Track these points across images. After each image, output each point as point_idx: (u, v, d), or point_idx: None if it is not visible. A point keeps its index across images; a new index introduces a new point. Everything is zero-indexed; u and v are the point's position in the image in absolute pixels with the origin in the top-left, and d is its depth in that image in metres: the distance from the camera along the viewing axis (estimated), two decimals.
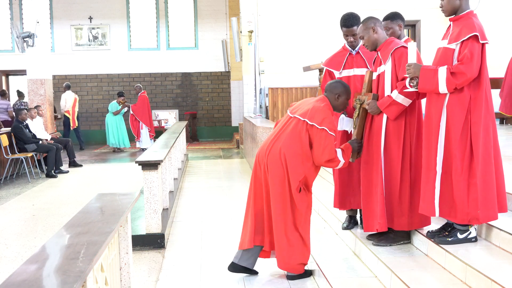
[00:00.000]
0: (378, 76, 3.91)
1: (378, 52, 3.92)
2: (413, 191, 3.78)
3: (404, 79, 3.68)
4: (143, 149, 13.25)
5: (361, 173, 4.00)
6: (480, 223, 3.42)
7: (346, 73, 4.31)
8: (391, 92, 3.75)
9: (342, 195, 4.30)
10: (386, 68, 3.81)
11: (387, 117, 3.78)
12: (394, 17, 4.24)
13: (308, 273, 4.05)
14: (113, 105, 13.69)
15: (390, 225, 3.83)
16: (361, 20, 4.11)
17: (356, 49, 4.33)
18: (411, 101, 3.70)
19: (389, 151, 3.78)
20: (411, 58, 3.51)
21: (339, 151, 3.86)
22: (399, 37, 4.25)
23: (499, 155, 3.44)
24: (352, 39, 4.25)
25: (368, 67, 4.24)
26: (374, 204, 3.85)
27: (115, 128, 13.55)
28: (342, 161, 3.86)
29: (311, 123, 3.80)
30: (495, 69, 8.31)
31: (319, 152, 3.79)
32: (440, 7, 3.49)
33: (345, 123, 4.25)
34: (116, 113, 13.56)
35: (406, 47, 3.75)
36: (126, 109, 13.68)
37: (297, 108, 3.99)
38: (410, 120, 3.78)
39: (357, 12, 4.33)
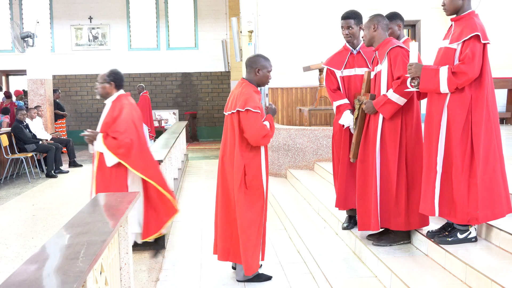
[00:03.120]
0: (375, 75, 3.93)
1: (376, 52, 3.94)
2: (410, 191, 3.78)
3: (399, 77, 3.70)
4: None
5: (357, 172, 4.01)
6: (479, 223, 3.41)
7: (347, 72, 4.33)
8: (387, 91, 3.77)
9: (343, 195, 4.30)
10: (383, 67, 3.83)
11: (383, 117, 3.79)
12: (393, 17, 4.27)
13: (263, 277, 4.07)
14: None
15: (387, 225, 3.83)
16: (361, 17, 4.23)
17: (357, 48, 4.35)
18: (405, 100, 3.71)
19: (386, 151, 3.79)
20: (413, 58, 3.51)
21: (267, 124, 3.88)
22: (398, 37, 4.27)
23: (502, 155, 3.43)
24: (347, 32, 4.28)
25: (369, 66, 4.25)
26: (368, 203, 3.85)
27: None
28: (270, 133, 3.87)
29: (236, 110, 3.83)
30: (496, 69, 8.31)
31: (251, 132, 3.78)
32: (442, 6, 3.49)
33: (345, 117, 4.21)
34: None
35: (403, 47, 3.77)
36: None
37: (228, 106, 4.00)
38: (407, 120, 3.78)
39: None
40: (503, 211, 3.40)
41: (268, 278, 4.09)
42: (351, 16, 4.25)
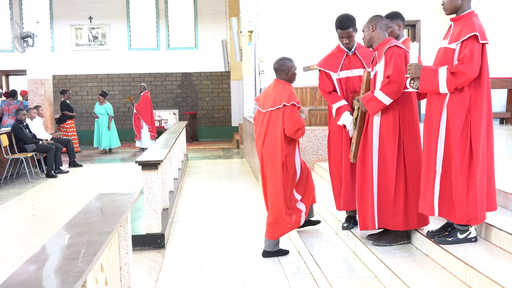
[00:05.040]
0: (375, 75, 3.93)
1: (376, 52, 3.95)
2: (408, 191, 3.77)
3: (388, 77, 3.70)
4: (143, 149, 13.25)
5: (356, 173, 4.01)
6: (478, 223, 3.42)
7: (344, 74, 4.31)
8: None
9: (346, 196, 4.29)
10: (380, 67, 3.83)
11: (381, 117, 3.79)
12: (394, 16, 4.27)
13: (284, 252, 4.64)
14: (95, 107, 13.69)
15: (385, 225, 3.83)
16: (355, 19, 4.22)
17: (353, 50, 4.33)
18: (391, 100, 3.71)
19: (384, 151, 3.79)
20: (413, 58, 3.51)
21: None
22: (397, 37, 4.27)
23: (493, 155, 3.45)
24: (347, 41, 4.26)
25: (366, 67, 4.25)
26: (367, 203, 3.86)
27: (105, 129, 13.44)
28: (304, 129, 4.40)
29: (282, 105, 4.34)
30: (496, 69, 8.31)
31: (291, 124, 4.31)
32: (442, 5, 3.51)
33: (344, 118, 4.21)
34: (96, 117, 13.53)
35: (400, 47, 3.77)
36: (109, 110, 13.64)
37: (265, 103, 4.50)
38: (405, 120, 3.78)
39: (357, 12, 4.35)
40: (494, 208, 3.45)
41: (286, 252, 4.66)
42: (349, 25, 4.21)
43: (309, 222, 4.87)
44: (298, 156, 4.54)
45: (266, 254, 4.61)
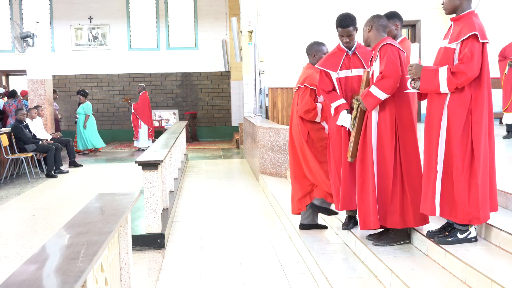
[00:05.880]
0: (372, 74, 3.96)
1: (374, 52, 3.97)
2: (405, 189, 3.77)
3: (381, 73, 3.72)
4: (141, 149, 13.26)
5: (356, 172, 4.01)
6: (480, 223, 3.42)
7: (343, 74, 4.32)
8: None
9: (345, 196, 4.29)
10: (376, 65, 3.86)
11: (379, 115, 3.80)
12: (391, 16, 4.28)
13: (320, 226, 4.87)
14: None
15: (383, 223, 3.84)
16: (356, 19, 4.26)
17: (353, 49, 4.33)
18: (387, 95, 3.74)
19: (382, 149, 3.80)
20: (413, 59, 3.52)
21: (319, 105, 4.59)
22: (395, 37, 4.28)
23: (494, 155, 3.45)
24: (347, 40, 4.27)
25: (365, 67, 4.26)
26: (368, 202, 3.86)
27: (86, 129, 13.30)
28: (319, 115, 4.58)
29: (298, 87, 4.63)
30: (496, 69, 8.30)
31: (300, 105, 4.58)
32: (442, 4, 3.53)
33: (343, 118, 4.21)
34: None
35: (393, 45, 3.79)
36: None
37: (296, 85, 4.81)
38: (401, 119, 3.79)
39: (357, 12, 4.36)
40: (495, 209, 3.44)
41: (323, 227, 4.88)
42: (349, 24, 4.23)
43: (316, 226, 4.87)
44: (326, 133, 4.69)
45: (303, 226, 4.83)
